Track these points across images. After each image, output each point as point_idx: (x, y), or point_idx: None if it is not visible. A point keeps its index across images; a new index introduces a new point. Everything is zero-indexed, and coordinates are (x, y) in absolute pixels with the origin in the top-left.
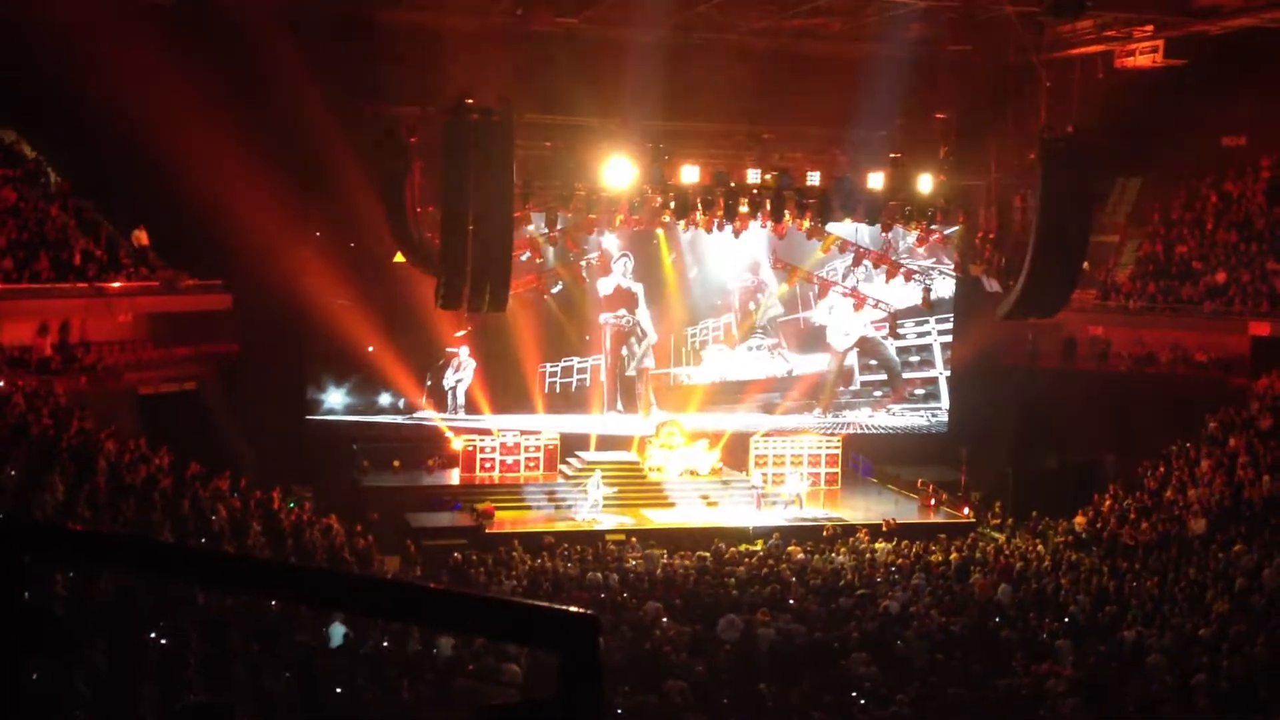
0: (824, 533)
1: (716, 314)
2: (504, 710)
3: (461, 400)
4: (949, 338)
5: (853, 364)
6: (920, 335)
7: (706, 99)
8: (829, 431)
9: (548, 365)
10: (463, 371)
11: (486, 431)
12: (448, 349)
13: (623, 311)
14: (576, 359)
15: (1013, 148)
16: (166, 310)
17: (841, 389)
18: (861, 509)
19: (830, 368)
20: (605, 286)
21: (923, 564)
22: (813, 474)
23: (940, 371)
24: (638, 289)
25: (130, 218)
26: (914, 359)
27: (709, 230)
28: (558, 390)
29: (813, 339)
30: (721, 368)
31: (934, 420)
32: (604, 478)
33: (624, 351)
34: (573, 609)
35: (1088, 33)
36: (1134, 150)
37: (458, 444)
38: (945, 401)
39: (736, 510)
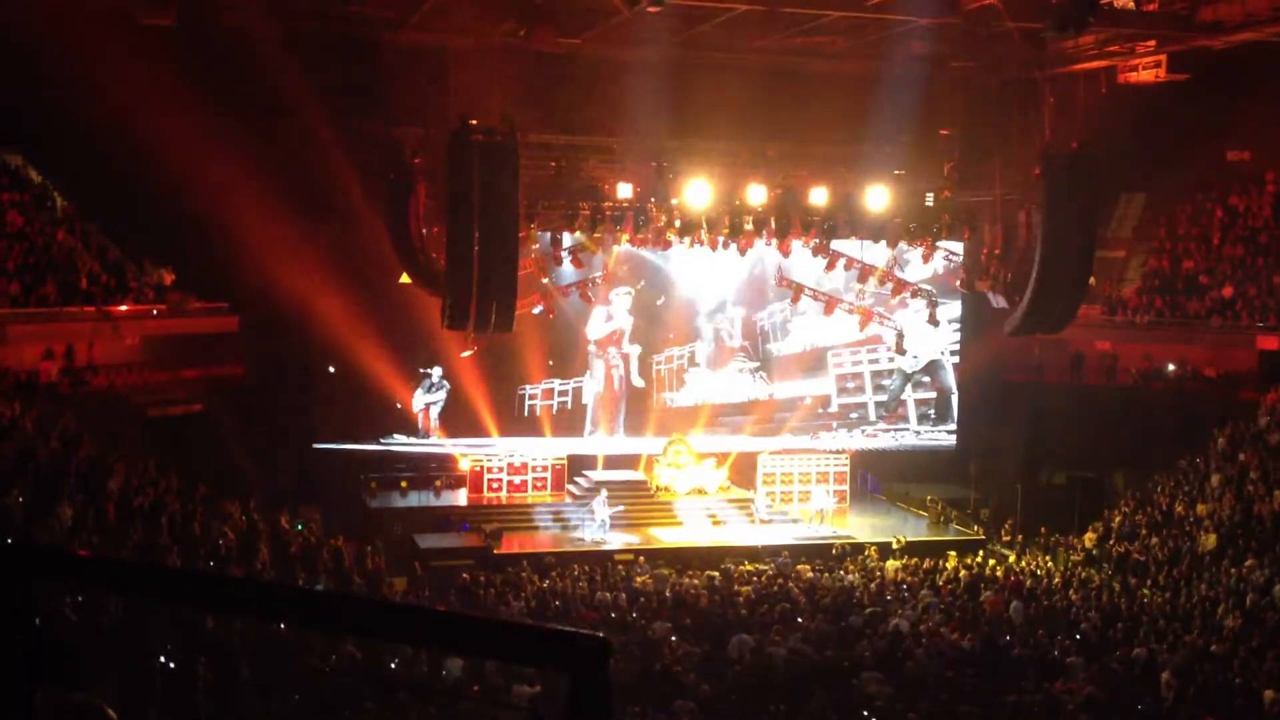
0: (833, 551)
1: (684, 342)
2: None
3: (435, 423)
4: (954, 359)
5: (830, 388)
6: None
7: (710, 117)
8: (838, 449)
9: (528, 388)
10: (436, 393)
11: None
12: (420, 369)
13: (618, 341)
14: (558, 381)
15: (1017, 163)
16: (173, 333)
17: (820, 410)
18: (870, 526)
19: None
20: (600, 316)
21: (932, 581)
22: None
23: (909, 398)
24: (628, 324)
25: (137, 241)
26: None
27: (714, 249)
28: (537, 413)
29: (799, 364)
30: (704, 391)
31: (940, 437)
32: (612, 497)
33: (613, 377)
34: (583, 631)
35: (1091, 48)
36: (1139, 165)
37: (465, 465)
38: (913, 420)
39: (745, 529)
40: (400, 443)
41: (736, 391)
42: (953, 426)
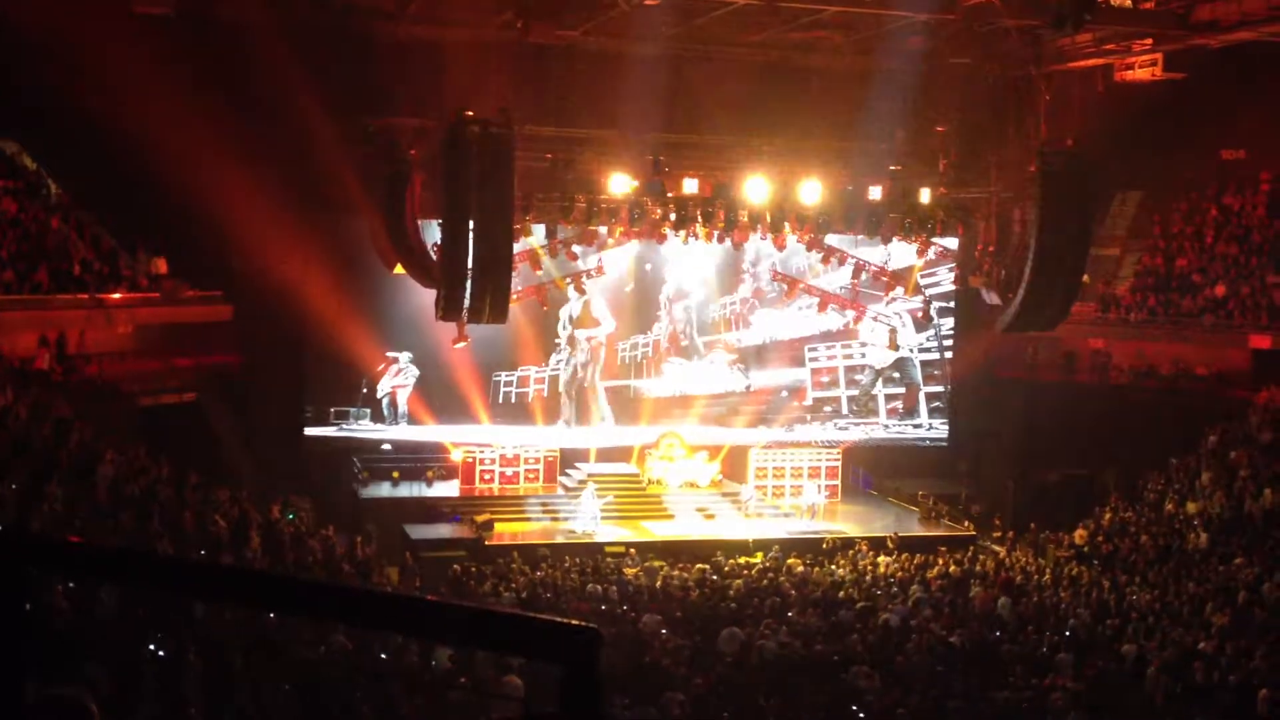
0: (824, 545)
1: (646, 329)
2: None
3: (403, 409)
4: (933, 355)
5: (805, 379)
6: (918, 349)
7: (706, 111)
8: (830, 444)
9: (504, 374)
10: (402, 378)
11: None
12: (387, 353)
13: (596, 329)
14: (534, 368)
15: (1013, 160)
16: (167, 321)
17: (796, 404)
18: (861, 522)
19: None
20: (578, 304)
21: (922, 577)
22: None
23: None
24: (604, 313)
25: (131, 230)
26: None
27: (708, 242)
28: (513, 400)
29: (775, 357)
30: (682, 381)
31: (929, 433)
32: (604, 489)
33: (591, 364)
34: (574, 622)
35: (1087, 46)
36: (1134, 163)
37: (457, 455)
38: (924, 417)
39: (735, 522)
40: (368, 428)
41: (716, 383)
42: (919, 420)
